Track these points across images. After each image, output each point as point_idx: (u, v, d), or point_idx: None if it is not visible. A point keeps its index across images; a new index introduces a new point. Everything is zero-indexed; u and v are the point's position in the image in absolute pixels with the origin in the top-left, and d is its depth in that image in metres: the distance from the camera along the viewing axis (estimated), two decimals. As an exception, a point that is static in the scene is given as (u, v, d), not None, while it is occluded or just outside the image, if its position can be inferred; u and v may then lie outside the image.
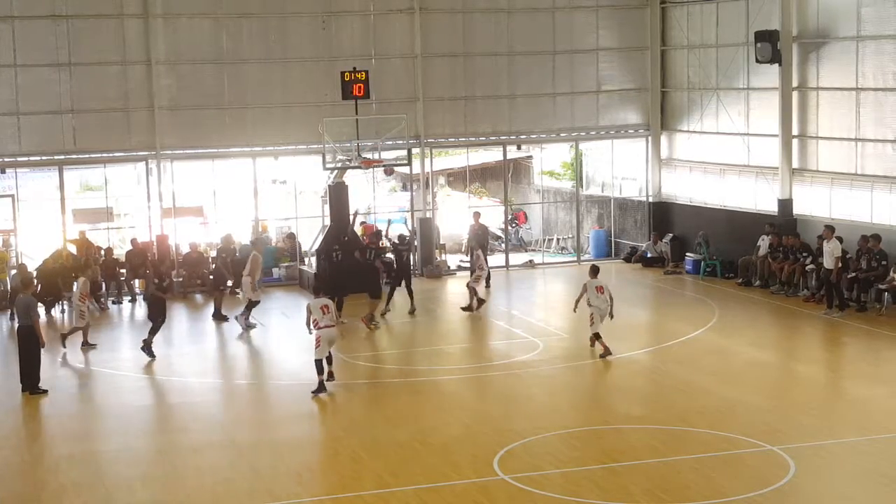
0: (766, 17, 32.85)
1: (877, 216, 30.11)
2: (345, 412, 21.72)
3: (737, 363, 24.50)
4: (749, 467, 17.34)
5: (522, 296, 32.57)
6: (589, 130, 38.33)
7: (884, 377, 23.03)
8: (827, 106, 32.08)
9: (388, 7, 35.02)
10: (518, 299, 32.07)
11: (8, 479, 17.25)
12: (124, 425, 20.47)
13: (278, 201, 38.34)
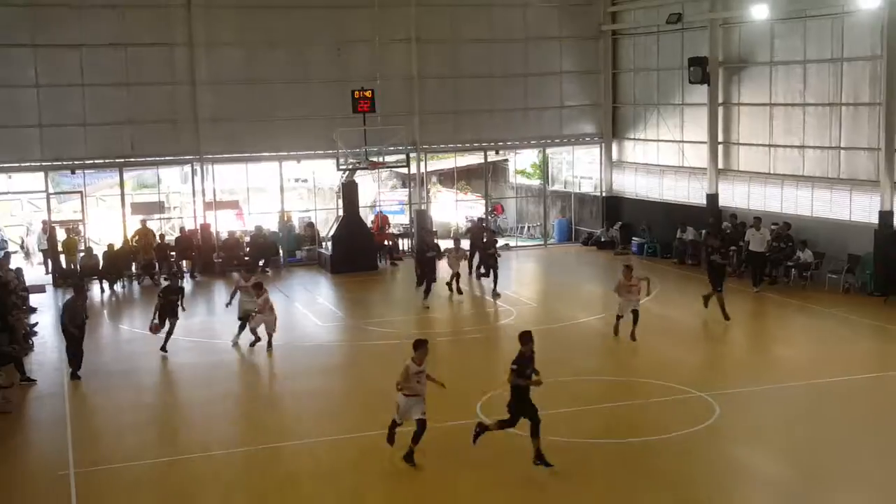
0: (697, 45, 33.30)
1: (786, 208, 30.87)
2: (355, 368, 22.18)
3: (674, 327, 24.92)
4: (684, 409, 17.76)
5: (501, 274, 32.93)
6: (553, 138, 38.76)
7: (792, 338, 23.51)
8: (746, 118, 32.78)
9: (390, 38, 35.25)
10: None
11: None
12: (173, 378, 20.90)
13: (300, 196, 38.45)
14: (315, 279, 32.18)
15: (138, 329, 25.45)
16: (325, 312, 27.50)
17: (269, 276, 32.38)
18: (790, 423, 17.15)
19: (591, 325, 24.89)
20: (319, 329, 25.39)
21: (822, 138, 29.69)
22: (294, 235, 35.59)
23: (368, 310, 27.96)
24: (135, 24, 32.74)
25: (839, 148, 29.19)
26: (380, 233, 35.33)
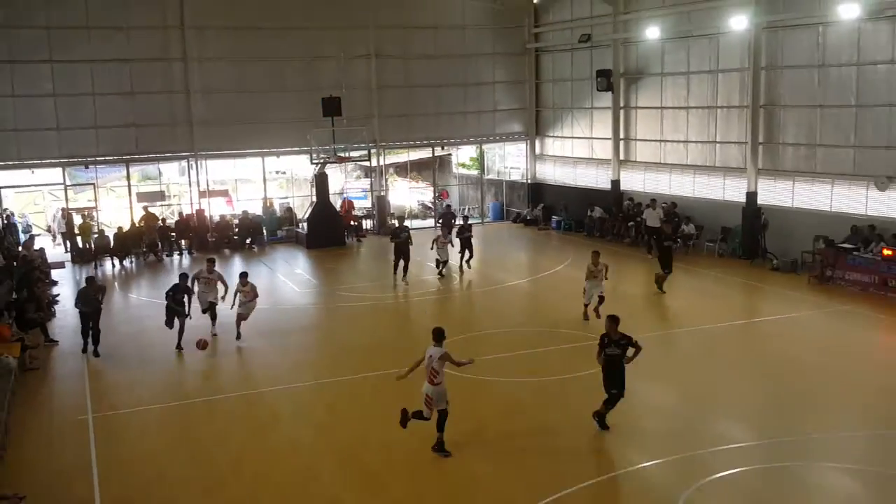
0: (603, 60, 33.78)
1: (673, 190, 31.50)
2: (328, 326, 22.38)
3: (580, 286, 24.94)
4: (589, 352, 17.57)
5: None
6: (488, 136, 39.11)
7: (679, 294, 23.90)
8: (641, 118, 33.34)
9: (353, 54, 35.29)
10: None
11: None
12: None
13: (280, 186, 38.41)
14: (293, 254, 32.28)
15: (144, 297, 25.59)
16: (303, 281, 27.69)
17: (255, 251, 32.61)
18: (678, 360, 17.79)
19: (519, 286, 25.26)
20: (298, 294, 25.60)
21: (702, 134, 30.33)
22: (275, 218, 35.51)
23: (338, 278, 28.19)
24: (137, 43, 32.50)
25: (715, 142, 29.85)
26: (346, 215, 35.55)
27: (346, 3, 34.89)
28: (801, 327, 19.92)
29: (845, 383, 15.96)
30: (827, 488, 12.00)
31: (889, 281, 22.24)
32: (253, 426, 14.84)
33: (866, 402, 15.08)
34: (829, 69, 25.55)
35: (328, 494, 12.17)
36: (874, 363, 17.57)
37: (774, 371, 16.85)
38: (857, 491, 11.82)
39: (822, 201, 26.16)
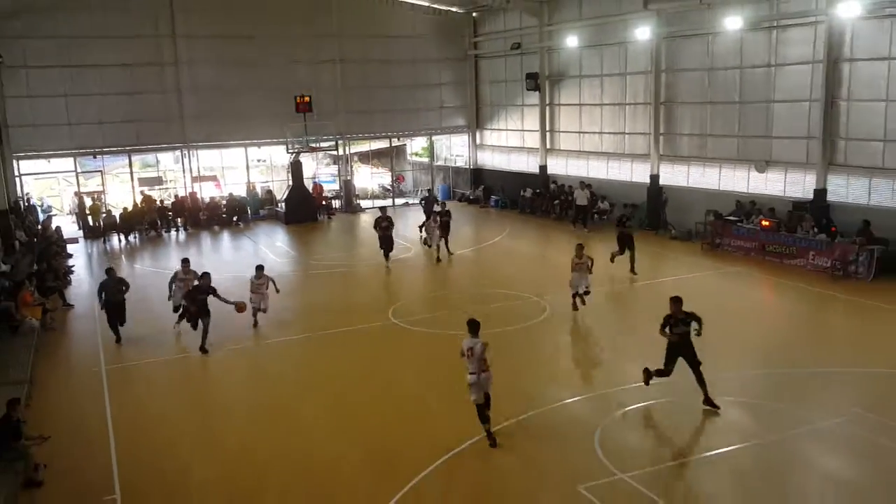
0: (531, 65, 33.80)
1: (590, 173, 31.57)
2: (304, 289, 22.22)
3: (518, 253, 25.37)
4: (525, 310, 18.39)
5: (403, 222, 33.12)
6: (436, 129, 38.91)
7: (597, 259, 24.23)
8: (564, 113, 33.31)
9: (321, 59, 34.87)
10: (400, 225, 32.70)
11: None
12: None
13: (260, 171, 37.91)
14: (273, 229, 31.98)
15: (148, 267, 25.23)
16: (282, 252, 27.47)
17: (240, 227, 32.26)
18: (595, 314, 17.90)
19: (463, 255, 25.27)
20: (278, 263, 25.27)
21: (614, 126, 30.54)
22: (257, 199, 35.09)
23: (312, 249, 28.04)
24: (136, 50, 31.83)
25: (624, 133, 30.07)
26: (318, 196, 35.33)
27: (315, 16, 34.51)
28: (696, 285, 20.29)
29: (733, 330, 16.34)
30: (716, 417, 12.33)
31: (766, 246, 22.77)
32: (241, 374, 14.84)
33: (750, 345, 15.51)
34: (717, 72, 25.89)
35: (304, 427, 12.24)
36: (756, 313, 18.08)
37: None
38: (740, 418, 12.18)
39: (711, 181, 26.58)
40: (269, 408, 13.01)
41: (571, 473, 10.30)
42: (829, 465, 10.53)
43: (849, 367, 13.90)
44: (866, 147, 21.86)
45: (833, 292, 19.24)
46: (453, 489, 10.15)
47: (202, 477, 10.80)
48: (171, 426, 12.51)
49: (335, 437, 11.91)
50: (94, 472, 11.03)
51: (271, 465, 11.06)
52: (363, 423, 12.34)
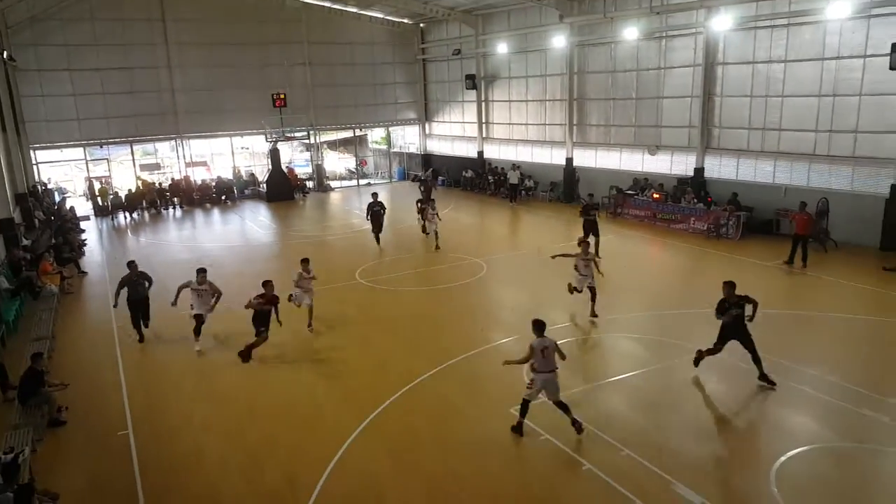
0: (469, 67, 33.44)
1: (519, 157, 31.55)
2: (283, 256, 21.67)
3: (461, 223, 24.82)
4: (466, 268, 18.33)
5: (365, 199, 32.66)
6: (392, 121, 38.18)
7: (523, 227, 24.40)
8: (496, 109, 33.07)
9: (293, 62, 33.90)
10: (363, 201, 32.34)
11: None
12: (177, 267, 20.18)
13: (245, 157, 36.95)
14: (257, 206, 31.26)
15: (150, 240, 24.46)
16: (265, 225, 26.92)
17: (229, 205, 31.50)
18: (520, 272, 18.00)
19: (416, 226, 25.06)
20: (262, 235, 24.90)
21: (537, 119, 30.55)
22: (242, 181, 34.23)
23: (290, 223, 27.41)
24: (134, 55, 30.51)
25: (545, 124, 30.11)
26: (294, 178, 34.68)
27: (288, 26, 33.49)
28: (602, 246, 20.56)
29: (631, 281, 16.71)
30: (621, 350, 12.64)
31: (657, 214, 23.21)
32: (230, 329, 14.53)
33: (644, 292, 15.86)
34: (618, 73, 26.06)
35: (288, 372, 12.13)
36: (648, 267, 18.47)
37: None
38: (636, 350, 12.51)
39: (614, 162, 26.89)
40: (255, 356, 12.83)
41: (505, 398, 10.45)
42: (707, 384, 10.90)
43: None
44: (735, 134, 22.35)
45: (709, 250, 19.75)
46: (410, 414, 10.23)
47: (202, 414, 10.67)
48: (175, 373, 12.26)
49: (311, 376, 11.87)
50: (109, 412, 10.80)
51: (258, 401, 10.98)
52: (334, 364, 12.31)
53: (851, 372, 10.81)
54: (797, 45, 20.13)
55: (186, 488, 8.66)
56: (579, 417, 9.72)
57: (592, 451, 8.86)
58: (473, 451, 9.10)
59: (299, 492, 8.37)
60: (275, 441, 9.66)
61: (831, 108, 19.57)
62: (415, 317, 14.74)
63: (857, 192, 19.20)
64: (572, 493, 8.08)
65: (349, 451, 9.23)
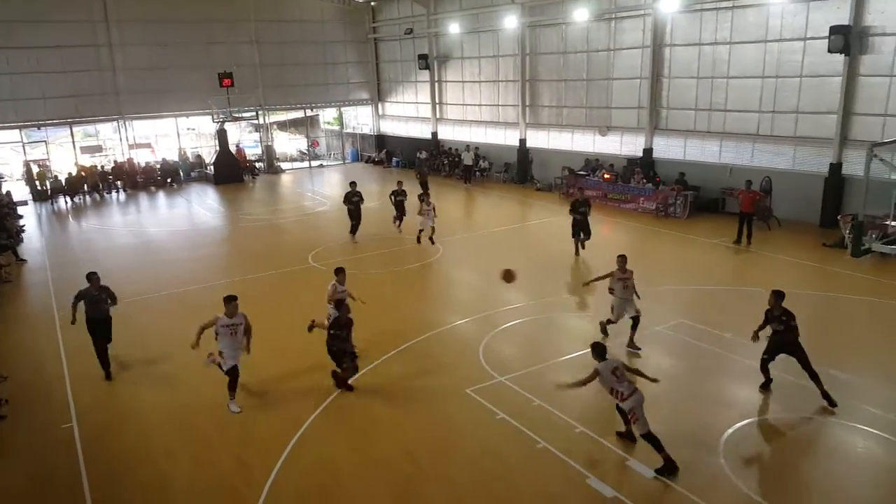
0: (422, 47, 33.12)
1: (473, 138, 31.44)
2: (233, 239, 21.34)
3: (416, 205, 24.53)
4: (422, 250, 18.25)
5: (318, 181, 32.28)
6: (344, 101, 37.60)
7: (479, 208, 24.43)
8: (450, 89, 32.86)
9: (239, 40, 32.97)
10: (316, 183, 31.88)
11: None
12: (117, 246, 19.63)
13: (191, 139, 35.84)
14: (204, 189, 30.47)
15: (93, 225, 23.62)
16: (213, 208, 26.27)
17: (175, 188, 30.63)
18: (477, 252, 18.02)
19: (371, 208, 24.71)
20: (210, 218, 24.28)
21: (490, 99, 30.46)
22: (188, 163, 33.34)
23: (239, 205, 26.82)
24: (72, 33, 29.22)
25: (498, 105, 30.06)
26: (242, 159, 33.88)
27: (234, 3, 32.57)
28: (554, 226, 20.77)
29: (583, 260, 16.92)
30: (570, 328, 12.80)
31: (608, 194, 23.53)
32: (180, 314, 14.16)
33: (595, 271, 16.04)
34: (569, 55, 26.15)
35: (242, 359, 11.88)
36: (600, 246, 18.65)
37: (539, 254, 17.58)
38: (589, 328, 12.68)
39: (566, 143, 27.08)
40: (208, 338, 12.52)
41: (461, 379, 10.49)
42: (660, 361, 11.11)
43: (673, 286, 14.65)
44: (682, 115, 22.76)
45: (658, 228, 20.14)
46: (368, 396, 10.14)
47: (149, 402, 10.36)
48: (120, 360, 11.81)
49: (266, 360, 11.65)
50: (52, 404, 10.37)
51: (207, 386, 10.71)
52: (288, 349, 12.11)
53: (793, 345, 11.17)
54: (741, 28, 20.54)
55: (135, 478, 8.41)
56: (533, 395, 9.81)
57: (547, 429, 8.96)
58: (431, 433, 9.10)
59: (253, 477, 8.21)
60: (226, 427, 9.45)
61: (774, 90, 20.09)
62: (370, 299, 14.58)
63: (799, 171, 19.82)
64: (528, 470, 8.16)
65: (305, 435, 9.11)
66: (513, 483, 7.94)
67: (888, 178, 9.54)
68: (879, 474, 8.02)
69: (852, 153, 18.55)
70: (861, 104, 18.34)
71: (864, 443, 8.57)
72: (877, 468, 8.14)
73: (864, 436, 8.69)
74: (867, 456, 8.36)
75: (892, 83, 17.61)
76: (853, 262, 15.10)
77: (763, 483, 7.77)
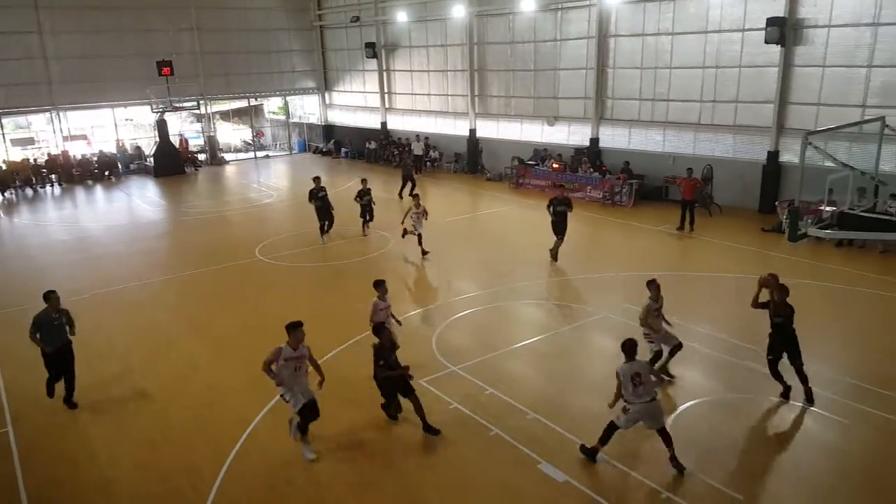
0: (369, 35, 32.73)
1: (423, 128, 31.25)
2: (176, 232, 20.72)
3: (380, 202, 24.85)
4: (372, 242, 18.12)
5: (264, 172, 31.60)
6: (290, 90, 36.92)
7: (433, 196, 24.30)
8: (398, 78, 32.61)
9: (180, 28, 31.92)
10: (262, 175, 31.20)
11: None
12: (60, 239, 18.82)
13: (129, 130, 34.62)
14: (144, 182, 29.51)
15: (26, 221, 22.62)
16: (154, 202, 25.47)
17: (113, 181, 29.55)
18: (428, 242, 17.76)
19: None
20: (151, 212, 23.53)
21: (439, 89, 30.33)
22: (127, 155, 32.22)
23: (182, 198, 26.06)
24: (1, 18, 27.86)
25: (447, 95, 29.98)
26: (184, 150, 32.91)
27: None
28: (505, 216, 20.96)
29: (531, 248, 17.06)
30: (524, 316, 12.91)
31: (556, 184, 23.68)
32: (119, 312, 13.69)
33: (544, 259, 16.27)
34: (517, 45, 26.26)
35: (186, 356, 11.56)
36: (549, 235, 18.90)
37: (490, 244, 17.67)
38: (539, 316, 12.83)
39: (515, 133, 27.25)
40: (146, 344, 12.12)
41: (414, 370, 10.41)
42: (606, 346, 11.33)
43: (619, 272, 14.94)
44: (627, 105, 23.16)
45: (604, 216, 20.49)
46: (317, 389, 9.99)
47: (90, 402, 9.95)
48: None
49: (210, 359, 11.35)
50: (-15, 408, 9.87)
51: (150, 386, 10.38)
52: (235, 347, 11.83)
53: (737, 328, 11.53)
54: (683, 19, 21.00)
55: (76, 481, 8.09)
56: (485, 384, 9.85)
57: (500, 417, 9.01)
58: (383, 425, 9.03)
59: (201, 480, 8.00)
60: (171, 428, 9.18)
61: (714, 80, 20.63)
62: (319, 293, 14.40)
63: (739, 159, 20.45)
64: (481, 457, 8.19)
65: (253, 434, 8.92)
66: (466, 470, 7.97)
67: (822, 165, 9.89)
68: (816, 450, 8.36)
69: (789, 141, 19.25)
70: (796, 94, 19.02)
71: (804, 420, 8.91)
72: (813, 444, 8.48)
73: (804, 413, 9.04)
74: (805, 433, 8.70)
75: (824, 73, 18.33)
76: (790, 246, 15.54)
77: (709, 463, 7.99)
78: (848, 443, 8.35)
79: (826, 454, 8.20)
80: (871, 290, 13.22)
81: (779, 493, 7.50)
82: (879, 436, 8.44)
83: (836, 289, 13.56)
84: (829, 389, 9.41)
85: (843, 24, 17.78)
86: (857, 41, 17.62)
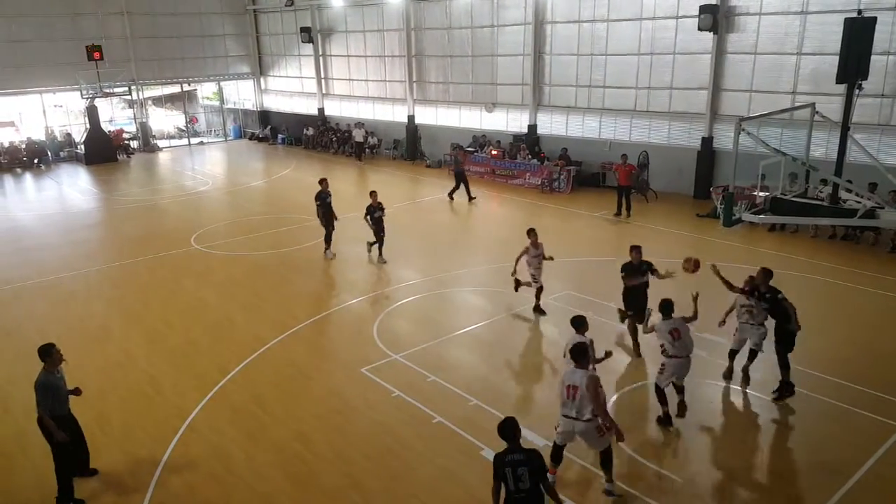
0: (305, 20, 31.99)
1: (361, 115, 30.76)
2: (110, 222, 19.81)
3: (304, 183, 23.61)
4: (311, 230, 17.58)
5: (199, 159, 30.47)
6: (223, 76, 35.70)
7: (375, 185, 24.01)
8: (336, 63, 31.97)
9: (109, 11, 30.47)
10: (196, 162, 30.11)
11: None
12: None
13: (58, 116, 32.83)
14: (76, 169, 28.12)
15: None
16: (86, 190, 24.27)
17: (42, 170, 28.07)
18: (370, 231, 17.69)
19: (256, 187, 23.94)
20: (82, 200, 22.44)
21: (377, 75, 29.87)
22: (57, 142, 30.63)
23: (114, 186, 24.95)
24: None
25: (385, 81, 29.56)
26: (117, 138, 31.43)
27: (98, -31, 30.02)
28: (445, 203, 20.87)
29: (474, 235, 17.10)
30: (466, 303, 12.91)
31: (496, 171, 23.86)
32: (52, 303, 13.01)
33: (483, 246, 16.30)
34: (454, 31, 26.07)
35: (120, 346, 11.07)
36: (487, 221, 18.97)
37: (431, 231, 17.55)
38: (480, 303, 12.85)
39: (454, 120, 27.13)
40: (81, 335, 11.55)
41: (356, 358, 10.31)
42: (548, 330, 11.44)
43: (559, 258, 15.08)
44: (564, 91, 23.37)
45: (543, 203, 20.66)
46: (257, 382, 9.74)
47: (21, 397, 9.41)
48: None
49: (146, 349, 10.91)
50: None
51: (87, 379, 9.86)
52: (171, 337, 11.41)
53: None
54: (618, 5, 21.22)
55: (8, 480, 7.66)
56: (427, 371, 9.81)
57: (442, 404, 8.98)
58: (325, 415, 8.88)
59: (140, 470, 7.74)
60: (108, 421, 8.80)
61: (649, 66, 20.97)
62: (257, 282, 14.02)
63: (674, 145, 20.91)
64: (424, 445, 8.15)
65: (192, 425, 8.63)
66: (409, 459, 7.91)
67: (755, 151, 10.17)
68: (742, 428, 8.68)
69: (722, 127, 19.74)
70: (729, 80, 19.49)
71: (733, 399, 9.23)
72: (741, 422, 8.81)
73: (732, 393, 9.37)
74: (732, 411, 9.02)
75: (756, 60, 18.80)
76: (725, 231, 15.94)
77: (644, 443, 8.19)
78: (771, 422, 8.69)
79: (762, 434, 8.52)
80: (803, 274, 13.71)
81: (710, 473, 7.74)
82: (807, 415, 8.82)
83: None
84: (758, 371, 9.69)
85: (773, 11, 18.22)
86: (787, 29, 18.07)
